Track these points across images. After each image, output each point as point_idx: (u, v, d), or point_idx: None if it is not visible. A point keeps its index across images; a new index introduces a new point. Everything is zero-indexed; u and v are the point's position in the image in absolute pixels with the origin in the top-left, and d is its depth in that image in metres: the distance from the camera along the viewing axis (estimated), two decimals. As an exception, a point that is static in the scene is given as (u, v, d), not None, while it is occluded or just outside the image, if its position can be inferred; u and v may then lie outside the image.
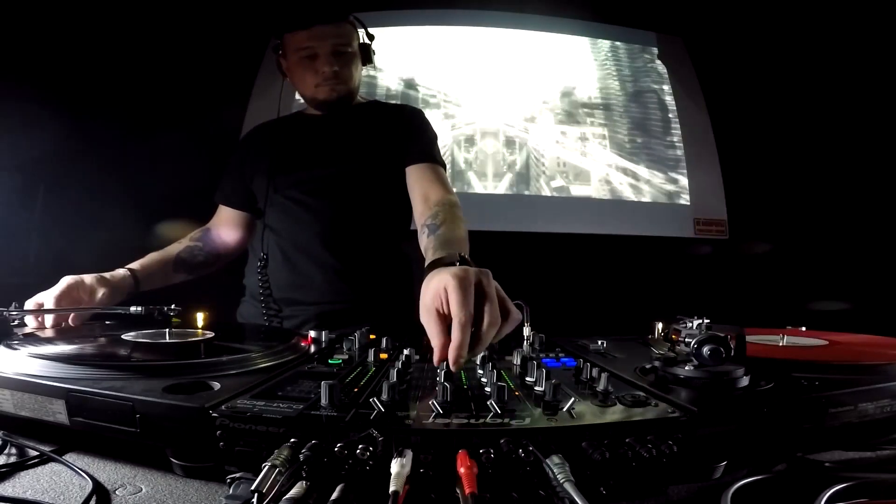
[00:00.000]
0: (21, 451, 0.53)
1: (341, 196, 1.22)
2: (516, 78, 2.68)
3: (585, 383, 0.59)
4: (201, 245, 1.26)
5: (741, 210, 2.59)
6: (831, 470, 0.52)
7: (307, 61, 1.20)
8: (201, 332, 0.80)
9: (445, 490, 0.42)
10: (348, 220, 1.22)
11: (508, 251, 2.19)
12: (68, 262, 1.52)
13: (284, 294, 1.22)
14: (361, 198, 1.23)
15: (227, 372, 0.61)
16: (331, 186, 1.22)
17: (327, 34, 1.19)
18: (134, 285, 1.07)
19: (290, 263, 1.21)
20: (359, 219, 1.23)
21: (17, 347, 0.63)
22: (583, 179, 2.59)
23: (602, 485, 0.45)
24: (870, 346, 0.85)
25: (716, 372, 0.57)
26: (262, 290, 1.22)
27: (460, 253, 0.77)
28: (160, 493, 0.46)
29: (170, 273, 1.19)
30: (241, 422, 0.45)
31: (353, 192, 1.23)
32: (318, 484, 0.41)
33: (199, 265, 1.25)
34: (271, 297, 1.22)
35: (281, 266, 1.22)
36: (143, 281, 1.09)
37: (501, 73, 2.67)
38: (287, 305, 1.22)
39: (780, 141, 2.49)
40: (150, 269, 1.13)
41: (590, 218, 2.52)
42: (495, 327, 0.58)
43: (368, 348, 0.72)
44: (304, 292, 1.21)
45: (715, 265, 2.52)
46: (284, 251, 1.22)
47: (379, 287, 1.24)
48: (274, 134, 1.31)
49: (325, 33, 1.18)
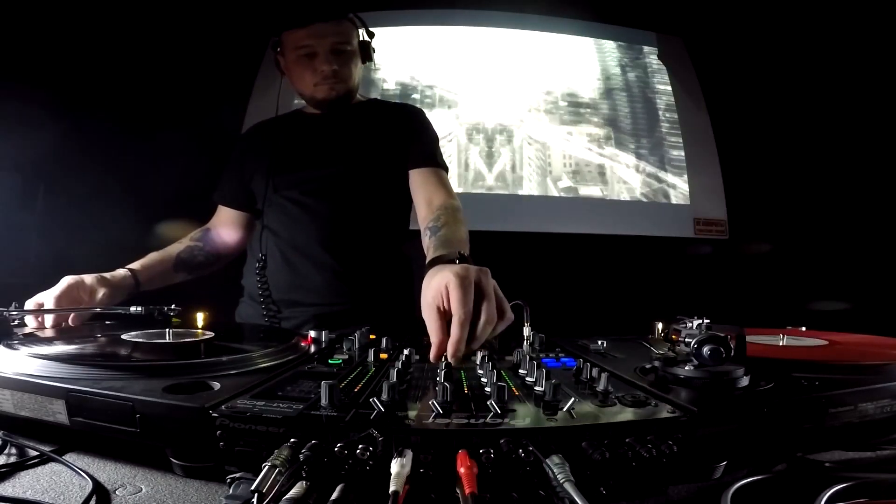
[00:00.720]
0: (21, 451, 0.53)
1: (341, 196, 1.22)
2: (516, 78, 2.68)
3: (585, 383, 0.59)
4: (201, 245, 1.26)
5: (741, 210, 2.59)
6: (831, 470, 0.52)
7: (306, 60, 1.19)
8: (201, 332, 0.80)
9: (445, 490, 0.42)
10: (348, 221, 1.22)
11: (508, 251, 2.19)
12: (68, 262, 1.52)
13: (283, 295, 1.22)
14: (361, 198, 1.23)
15: (227, 372, 0.61)
16: (330, 187, 1.22)
17: (326, 32, 1.17)
18: (134, 285, 1.07)
19: (288, 264, 1.21)
20: (358, 219, 1.23)
21: (17, 347, 0.63)
22: (583, 179, 2.59)
23: (602, 485, 0.45)
24: (870, 346, 0.85)
25: (716, 372, 0.57)
26: (260, 291, 1.22)
27: (460, 251, 0.79)
28: (160, 493, 0.46)
29: (170, 273, 1.19)
30: (241, 422, 0.45)
31: (353, 192, 1.22)
32: (318, 484, 0.41)
33: (200, 265, 1.25)
34: (270, 298, 1.22)
35: (280, 267, 1.22)
36: (143, 281, 1.09)
37: (501, 73, 2.67)
38: (286, 306, 1.22)
39: (780, 141, 2.49)
40: (150, 269, 1.12)
41: (590, 218, 2.52)
42: (492, 325, 0.61)
43: (368, 348, 0.72)
44: (303, 293, 1.20)
45: (715, 265, 2.52)
46: (283, 252, 1.22)
47: (378, 288, 1.24)
48: (273, 133, 1.31)
49: (324, 31, 1.17)
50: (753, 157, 2.54)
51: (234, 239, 1.31)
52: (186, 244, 1.24)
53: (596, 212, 2.54)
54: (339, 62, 1.20)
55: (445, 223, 1.03)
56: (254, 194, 1.28)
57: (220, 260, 1.30)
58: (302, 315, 1.20)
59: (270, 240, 1.23)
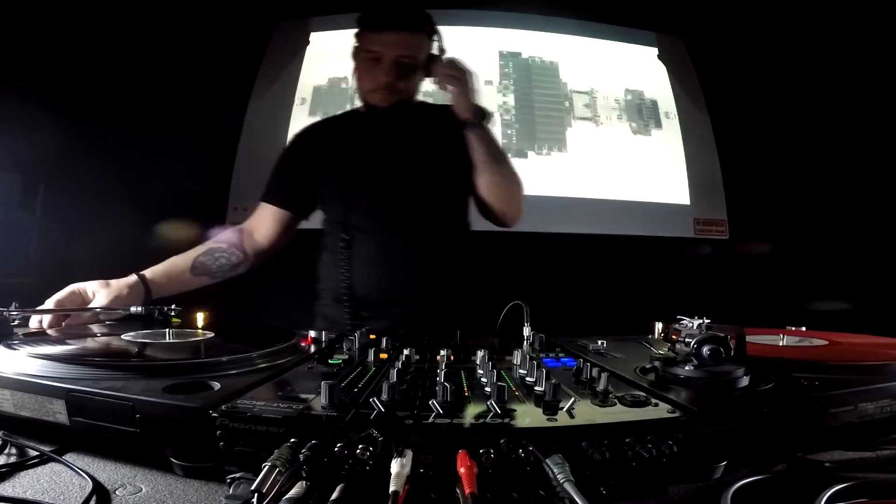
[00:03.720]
0: (21, 451, 0.53)
1: (421, 196, 1.21)
2: (516, 77, 2.68)
3: (585, 383, 0.59)
4: (224, 247, 1.22)
5: (741, 210, 2.59)
6: (831, 470, 0.52)
7: (370, 63, 1.18)
8: (201, 332, 0.80)
9: (445, 490, 0.42)
10: (429, 222, 1.22)
11: (509, 251, 2.19)
12: (68, 262, 1.53)
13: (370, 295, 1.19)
14: (438, 198, 1.23)
15: (227, 372, 0.61)
16: (409, 188, 1.21)
17: (396, 43, 1.15)
18: (145, 292, 1.04)
19: (376, 265, 1.20)
20: (439, 220, 1.23)
21: (17, 347, 0.63)
22: (583, 179, 2.59)
23: (602, 485, 0.45)
24: (870, 346, 0.85)
25: (716, 372, 0.57)
26: (345, 293, 1.19)
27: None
28: (160, 493, 0.46)
29: (188, 278, 1.15)
30: (241, 422, 0.45)
31: (431, 192, 1.22)
32: (318, 484, 0.41)
33: (222, 268, 1.21)
34: (357, 300, 1.19)
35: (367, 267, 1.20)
36: (156, 287, 1.06)
37: (501, 73, 2.67)
38: (374, 307, 1.19)
39: (780, 141, 2.49)
40: (164, 274, 1.09)
41: (590, 218, 2.52)
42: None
43: (368, 348, 0.72)
44: (392, 293, 1.19)
45: (715, 265, 2.52)
46: (370, 253, 1.20)
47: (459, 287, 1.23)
48: (335, 134, 1.30)
49: (393, 41, 1.15)
50: (753, 158, 2.54)
51: (272, 240, 1.29)
52: (208, 247, 1.21)
53: (596, 212, 2.54)
54: (399, 75, 1.17)
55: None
56: (308, 195, 1.28)
57: (246, 262, 1.26)
58: (392, 316, 1.17)
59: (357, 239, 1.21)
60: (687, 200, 2.62)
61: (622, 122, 2.69)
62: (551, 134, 2.63)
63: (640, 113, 2.72)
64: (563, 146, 2.63)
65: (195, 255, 1.18)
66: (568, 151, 2.62)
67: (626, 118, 2.70)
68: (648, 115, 2.72)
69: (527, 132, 2.61)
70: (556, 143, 2.62)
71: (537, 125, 2.62)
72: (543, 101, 2.69)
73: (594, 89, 2.72)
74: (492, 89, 2.65)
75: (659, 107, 2.73)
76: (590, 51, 2.75)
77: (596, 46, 2.75)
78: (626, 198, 2.59)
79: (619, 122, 2.69)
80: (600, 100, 2.71)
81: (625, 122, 2.69)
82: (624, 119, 2.70)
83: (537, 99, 2.68)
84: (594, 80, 2.73)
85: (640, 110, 2.72)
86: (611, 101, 2.71)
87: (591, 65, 2.74)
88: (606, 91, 2.72)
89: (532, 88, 2.68)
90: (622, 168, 2.63)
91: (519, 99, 2.65)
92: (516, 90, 2.67)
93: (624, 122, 2.69)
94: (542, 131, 2.62)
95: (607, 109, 2.70)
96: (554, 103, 2.68)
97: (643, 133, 2.69)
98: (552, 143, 2.62)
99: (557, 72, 2.73)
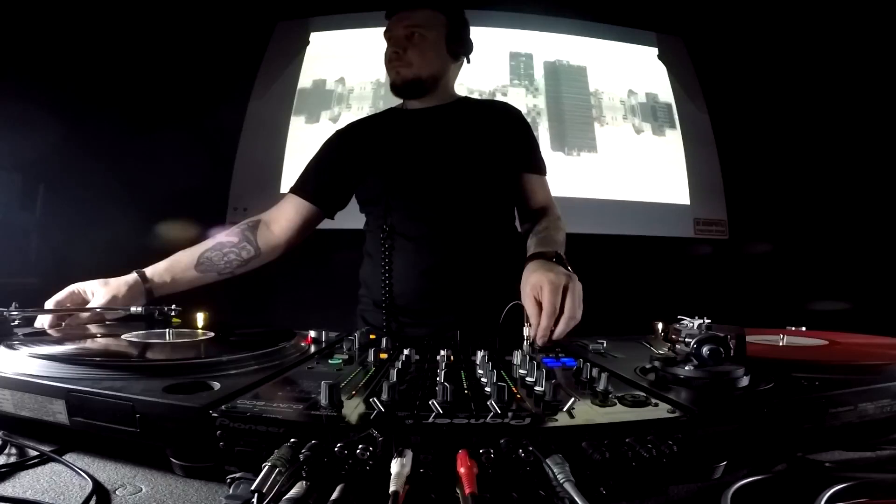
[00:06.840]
0: (21, 451, 0.53)
1: (465, 199, 1.19)
2: (515, 77, 2.68)
3: (585, 383, 0.59)
4: (234, 241, 1.19)
5: (741, 210, 2.59)
6: (831, 470, 0.52)
7: (388, 45, 1.23)
8: (201, 332, 0.80)
9: (445, 490, 0.42)
10: (474, 224, 1.20)
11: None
12: (68, 262, 1.52)
13: (412, 303, 1.18)
14: (482, 200, 1.22)
15: (227, 372, 0.61)
16: (452, 189, 1.19)
17: (403, 18, 1.21)
18: (146, 291, 1.02)
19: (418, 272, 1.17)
20: (482, 222, 1.21)
21: (17, 347, 0.63)
22: (583, 179, 2.59)
23: (602, 485, 0.45)
24: (870, 346, 0.85)
25: (716, 372, 0.57)
26: (384, 298, 1.18)
27: (557, 251, 1.01)
28: (160, 493, 0.46)
29: (194, 274, 1.12)
30: (241, 422, 0.45)
31: (476, 194, 1.20)
32: (318, 484, 0.41)
33: (230, 263, 1.18)
34: (395, 305, 1.18)
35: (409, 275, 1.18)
36: (157, 285, 1.05)
37: (501, 73, 2.67)
38: (416, 314, 1.18)
39: (780, 141, 2.49)
40: (167, 271, 1.08)
41: (590, 218, 2.52)
42: (574, 321, 0.85)
43: (368, 348, 0.72)
44: (435, 300, 1.17)
45: (715, 265, 2.52)
46: (413, 261, 1.18)
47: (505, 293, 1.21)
48: (375, 132, 1.29)
49: (401, 17, 1.21)
50: (753, 157, 2.54)
51: (290, 234, 1.26)
52: (216, 241, 1.17)
53: (596, 212, 2.54)
54: (408, 46, 1.20)
55: (546, 227, 1.18)
56: (340, 193, 1.28)
57: (257, 258, 1.22)
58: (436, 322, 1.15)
59: (399, 244, 1.19)
60: (687, 200, 2.62)
61: (626, 123, 2.69)
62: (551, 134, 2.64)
63: (641, 113, 2.72)
64: (563, 146, 2.63)
65: (201, 250, 1.15)
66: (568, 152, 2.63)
67: (629, 119, 2.70)
68: (651, 116, 2.72)
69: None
70: (556, 143, 2.62)
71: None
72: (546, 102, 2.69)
73: (598, 90, 2.72)
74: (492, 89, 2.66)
75: (659, 107, 2.73)
76: (590, 51, 2.75)
77: (596, 46, 2.75)
78: (625, 198, 2.59)
79: (623, 122, 2.69)
80: (605, 100, 2.71)
81: (628, 123, 2.69)
82: (627, 119, 2.70)
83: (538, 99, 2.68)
84: (595, 81, 2.73)
85: (641, 111, 2.73)
86: (615, 102, 2.71)
87: (592, 65, 2.74)
88: (612, 92, 2.72)
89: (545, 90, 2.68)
90: (622, 168, 2.63)
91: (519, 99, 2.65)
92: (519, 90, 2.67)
93: (627, 122, 2.70)
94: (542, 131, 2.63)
95: (612, 110, 2.70)
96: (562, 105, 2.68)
97: (648, 133, 2.69)
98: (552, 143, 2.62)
99: (558, 73, 2.73)
